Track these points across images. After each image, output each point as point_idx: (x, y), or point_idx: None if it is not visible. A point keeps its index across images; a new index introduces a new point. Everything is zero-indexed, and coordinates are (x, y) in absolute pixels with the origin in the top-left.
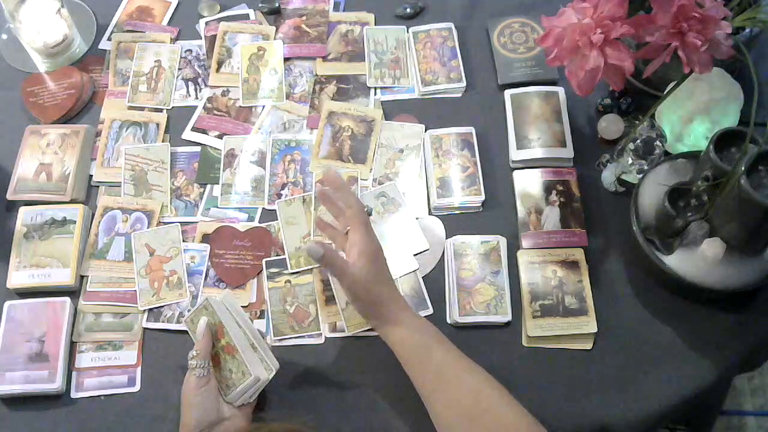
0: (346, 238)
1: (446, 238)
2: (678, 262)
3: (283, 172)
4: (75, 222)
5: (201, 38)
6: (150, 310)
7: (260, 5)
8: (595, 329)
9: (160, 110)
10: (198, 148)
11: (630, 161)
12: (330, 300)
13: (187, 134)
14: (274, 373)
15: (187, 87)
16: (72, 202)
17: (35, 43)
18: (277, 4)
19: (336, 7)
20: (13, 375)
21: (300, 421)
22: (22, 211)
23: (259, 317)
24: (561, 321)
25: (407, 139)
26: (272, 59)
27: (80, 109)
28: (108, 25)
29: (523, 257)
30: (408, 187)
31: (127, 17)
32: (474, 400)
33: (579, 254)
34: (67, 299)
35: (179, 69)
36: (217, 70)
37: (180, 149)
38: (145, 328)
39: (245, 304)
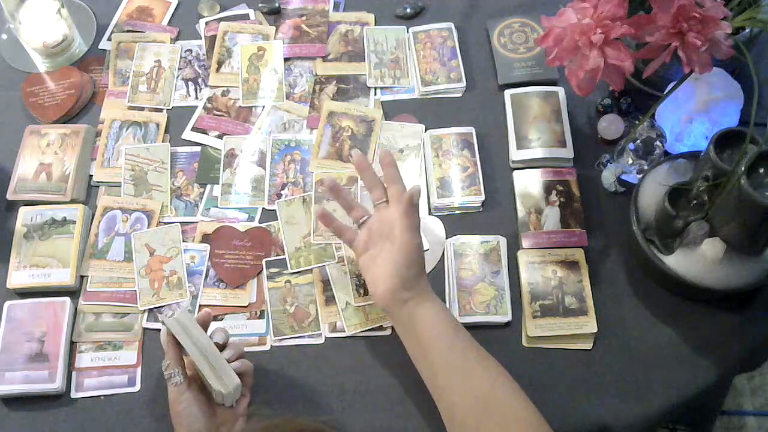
0: (355, 232)
1: (446, 238)
2: (678, 262)
3: (283, 172)
4: (75, 222)
5: (201, 38)
6: (150, 310)
7: (260, 5)
8: (595, 329)
9: (160, 110)
10: (198, 148)
11: (630, 161)
12: (330, 300)
13: (187, 134)
14: (232, 389)
15: (187, 87)
16: (72, 202)
17: (35, 43)
18: (277, 4)
19: (336, 7)
20: (13, 375)
21: (321, 419)
22: (22, 211)
23: (259, 317)
24: (561, 321)
25: (407, 139)
26: (272, 59)
27: (80, 109)
28: (108, 25)
29: (523, 257)
30: (408, 187)
31: (127, 17)
32: (490, 389)
33: (579, 254)
34: (67, 299)
35: (179, 69)
36: (217, 70)
37: (180, 149)
38: (145, 328)
39: (245, 304)
